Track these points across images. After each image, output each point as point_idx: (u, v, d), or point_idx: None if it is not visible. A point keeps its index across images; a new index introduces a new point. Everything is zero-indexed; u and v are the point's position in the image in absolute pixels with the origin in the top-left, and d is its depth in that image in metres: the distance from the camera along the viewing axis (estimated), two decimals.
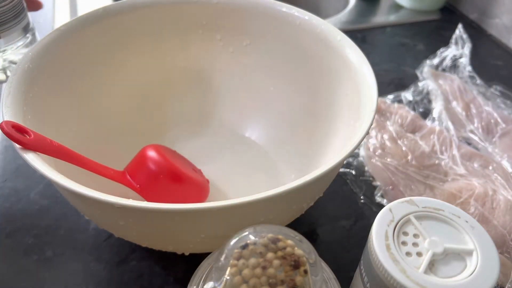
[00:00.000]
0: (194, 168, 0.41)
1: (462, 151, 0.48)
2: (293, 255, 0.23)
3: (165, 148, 0.39)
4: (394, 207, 0.27)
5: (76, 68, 0.39)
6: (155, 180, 0.35)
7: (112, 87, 0.42)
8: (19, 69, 0.33)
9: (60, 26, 0.38)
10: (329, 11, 0.80)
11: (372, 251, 0.25)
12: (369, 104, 0.33)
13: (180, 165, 0.37)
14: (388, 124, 0.51)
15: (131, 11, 0.41)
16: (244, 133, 0.48)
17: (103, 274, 0.36)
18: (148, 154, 0.36)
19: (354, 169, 0.46)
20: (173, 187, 0.36)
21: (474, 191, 0.42)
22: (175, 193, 0.37)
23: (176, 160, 0.38)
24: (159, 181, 0.35)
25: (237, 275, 0.22)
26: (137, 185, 0.35)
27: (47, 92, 0.35)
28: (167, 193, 0.36)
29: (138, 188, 0.35)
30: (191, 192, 0.38)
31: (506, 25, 0.68)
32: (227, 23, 0.44)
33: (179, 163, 0.38)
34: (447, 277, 0.24)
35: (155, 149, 0.37)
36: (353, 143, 0.29)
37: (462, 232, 0.26)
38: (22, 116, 0.31)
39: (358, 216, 0.42)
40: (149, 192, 0.35)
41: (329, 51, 0.40)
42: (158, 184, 0.35)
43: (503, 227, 0.40)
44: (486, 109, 0.53)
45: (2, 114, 0.30)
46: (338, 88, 0.39)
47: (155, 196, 0.35)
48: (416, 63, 0.62)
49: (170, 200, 0.31)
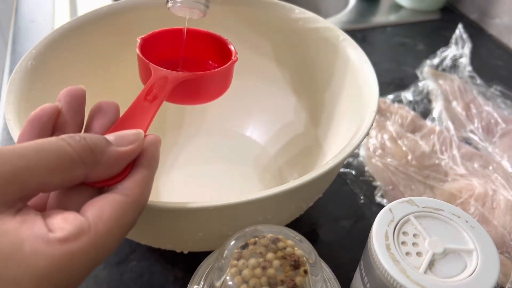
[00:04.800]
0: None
1: (462, 151, 0.48)
2: (293, 255, 0.23)
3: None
4: (394, 207, 0.27)
5: (78, 66, 0.39)
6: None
7: (113, 85, 0.42)
8: (22, 66, 0.33)
9: (64, 24, 0.38)
10: (329, 11, 0.80)
11: (372, 251, 0.25)
12: (370, 104, 0.33)
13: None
14: (388, 124, 0.50)
15: (132, 10, 0.41)
16: (245, 132, 0.48)
17: (103, 274, 0.36)
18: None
19: (354, 169, 0.46)
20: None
21: (474, 191, 0.42)
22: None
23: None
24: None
25: (237, 275, 0.22)
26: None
27: (49, 90, 0.35)
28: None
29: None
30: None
31: (506, 25, 0.68)
32: (228, 23, 0.44)
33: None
34: (447, 277, 0.24)
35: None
36: (353, 143, 0.29)
37: (462, 232, 0.26)
38: (24, 113, 0.31)
39: (358, 216, 0.42)
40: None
41: (331, 51, 0.40)
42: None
43: (503, 227, 0.40)
44: (486, 109, 0.53)
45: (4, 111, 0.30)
46: (339, 87, 0.39)
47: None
48: (416, 63, 0.62)
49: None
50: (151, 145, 0.24)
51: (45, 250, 0.18)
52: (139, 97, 0.27)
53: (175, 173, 0.44)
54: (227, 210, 0.26)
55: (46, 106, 0.23)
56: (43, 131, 0.23)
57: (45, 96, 0.34)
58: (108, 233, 0.20)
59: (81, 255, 0.19)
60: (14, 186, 0.18)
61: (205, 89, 0.32)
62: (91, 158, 0.20)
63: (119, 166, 0.22)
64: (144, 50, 0.32)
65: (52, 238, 0.18)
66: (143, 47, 0.33)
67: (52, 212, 0.20)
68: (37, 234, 0.18)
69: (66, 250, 0.18)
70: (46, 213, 0.20)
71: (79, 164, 0.20)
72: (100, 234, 0.19)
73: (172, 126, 0.47)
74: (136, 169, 0.23)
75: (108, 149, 0.21)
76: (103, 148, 0.21)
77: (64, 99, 0.24)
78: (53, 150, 0.19)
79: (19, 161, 0.18)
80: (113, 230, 0.20)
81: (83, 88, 0.25)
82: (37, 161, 0.19)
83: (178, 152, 0.46)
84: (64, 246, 0.18)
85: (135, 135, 0.23)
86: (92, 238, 0.19)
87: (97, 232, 0.19)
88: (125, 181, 0.22)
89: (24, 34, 0.64)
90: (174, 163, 0.45)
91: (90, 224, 0.19)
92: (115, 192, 0.21)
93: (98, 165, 0.21)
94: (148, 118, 0.26)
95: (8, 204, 0.18)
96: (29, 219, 0.18)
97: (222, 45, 0.35)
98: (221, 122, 0.48)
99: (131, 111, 0.26)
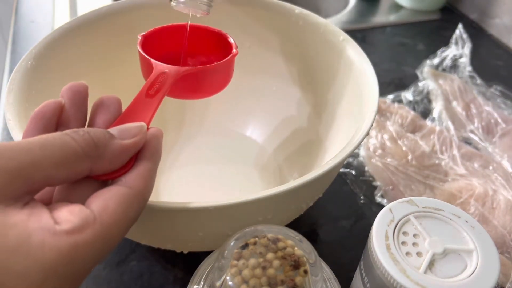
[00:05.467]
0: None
1: (462, 151, 0.48)
2: (293, 255, 0.23)
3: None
4: (394, 207, 0.27)
5: (78, 66, 0.39)
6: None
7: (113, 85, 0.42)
8: (22, 66, 0.33)
9: (64, 24, 0.38)
10: (329, 11, 0.80)
11: (372, 251, 0.25)
12: (371, 104, 0.33)
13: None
14: (388, 124, 0.50)
15: (132, 10, 0.42)
16: (245, 132, 0.48)
17: (103, 274, 0.36)
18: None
19: (354, 169, 0.46)
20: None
21: (474, 191, 0.42)
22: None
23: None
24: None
25: (237, 275, 0.22)
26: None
27: (49, 89, 0.35)
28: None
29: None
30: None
31: (506, 25, 0.68)
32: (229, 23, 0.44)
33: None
34: (447, 277, 0.24)
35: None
36: (353, 143, 0.29)
37: (462, 232, 0.26)
38: (24, 113, 0.31)
39: (358, 216, 0.42)
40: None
41: (331, 51, 0.40)
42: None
43: (503, 227, 0.40)
44: (486, 109, 0.53)
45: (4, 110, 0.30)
46: (339, 88, 0.39)
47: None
48: (416, 63, 0.62)
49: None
50: (153, 137, 0.24)
51: (52, 242, 0.18)
52: (141, 92, 0.27)
53: (175, 173, 0.44)
54: (227, 210, 0.26)
55: (50, 102, 0.23)
56: (47, 127, 0.23)
57: (45, 96, 0.34)
58: (113, 225, 0.20)
59: (87, 247, 0.19)
60: (20, 180, 0.18)
61: (206, 83, 0.32)
62: (95, 152, 0.21)
63: (123, 159, 0.22)
64: (145, 47, 0.33)
65: (59, 230, 0.18)
66: (144, 44, 0.33)
67: (58, 205, 0.20)
68: (44, 226, 0.18)
69: (72, 242, 0.18)
70: (52, 206, 0.20)
71: (84, 158, 0.20)
72: (105, 226, 0.20)
73: (173, 126, 0.47)
74: (139, 162, 0.23)
75: (111, 143, 0.22)
76: (107, 142, 0.21)
77: (67, 94, 0.24)
78: (58, 145, 0.19)
79: (25, 156, 0.18)
80: (118, 222, 0.20)
81: (85, 83, 0.25)
82: (42, 156, 0.19)
83: (179, 152, 0.46)
84: (70, 237, 0.18)
85: (138, 128, 0.23)
86: (97, 230, 0.19)
87: (102, 224, 0.19)
88: (129, 173, 0.22)
89: (24, 34, 0.64)
90: (174, 163, 0.45)
91: (95, 216, 0.19)
92: (119, 185, 0.21)
93: (102, 158, 0.21)
94: (150, 113, 0.26)
95: (15, 198, 0.18)
96: (36, 212, 0.19)
97: (222, 39, 0.35)
98: (221, 122, 0.48)
99: (133, 106, 0.26)
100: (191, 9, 0.34)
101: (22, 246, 0.17)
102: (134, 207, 0.21)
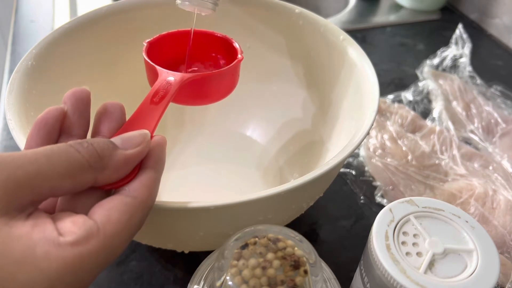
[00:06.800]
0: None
1: (462, 151, 0.48)
2: (293, 255, 0.23)
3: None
4: (394, 207, 0.27)
5: (79, 66, 0.39)
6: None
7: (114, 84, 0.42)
8: (22, 66, 0.33)
9: (64, 24, 0.38)
10: (329, 11, 0.80)
11: (372, 251, 0.25)
12: (371, 104, 0.33)
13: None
14: (388, 124, 0.50)
15: (132, 10, 0.42)
16: (246, 132, 0.48)
17: (103, 274, 0.36)
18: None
19: (354, 169, 0.46)
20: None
21: (474, 191, 0.42)
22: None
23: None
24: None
25: (237, 275, 0.22)
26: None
27: (50, 89, 0.35)
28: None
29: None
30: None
31: (506, 25, 0.68)
32: (228, 22, 0.44)
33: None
34: (447, 277, 0.24)
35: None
36: (353, 143, 0.29)
37: (462, 232, 0.26)
38: (24, 113, 0.31)
39: (358, 216, 0.42)
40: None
41: (331, 51, 0.40)
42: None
43: (503, 227, 0.40)
44: (486, 109, 0.53)
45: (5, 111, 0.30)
46: (340, 88, 0.39)
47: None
48: (416, 63, 0.62)
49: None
50: (157, 145, 0.24)
51: (57, 254, 0.18)
52: (145, 99, 0.27)
53: (176, 173, 0.44)
54: (227, 210, 0.26)
55: (52, 109, 0.23)
56: (50, 133, 0.23)
57: (45, 96, 0.34)
58: (117, 235, 0.20)
59: (91, 258, 0.19)
60: (26, 190, 0.18)
61: (211, 89, 0.32)
62: (99, 163, 0.21)
63: (127, 169, 0.22)
64: (151, 53, 0.32)
65: (63, 242, 0.18)
66: (150, 50, 0.33)
67: (62, 215, 0.20)
68: (49, 237, 0.18)
69: (77, 253, 0.18)
70: (56, 216, 0.20)
71: (88, 169, 0.20)
72: (109, 236, 0.20)
73: (173, 126, 0.47)
74: (143, 171, 0.23)
75: (115, 153, 0.22)
76: (111, 153, 0.21)
77: (70, 101, 0.24)
78: (63, 156, 0.20)
79: (31, 166, 0.18)
80: (121, 232, 0.20)
81: (87, 89, 0.25)
82: (48, 166, 0.19)
83: (179, 152, 0.46)
84: (74, 249, 0.18)
85: (142, 137, 0.23)
86: (101, 241, 0.19)
87: (106, 234, 0.20)
88: (132, 182, 0.22)
89: (24, 34, 0.64)
90: (175, 163, 0.45)
91: (99, 227, 0.20)
92: (122, 194, 0.21)
93: (106, 169, 0.21)
94: (155, 120, 0.26)
95: (20, 209, 0.19)
96: (40, 222, 0.19)
97: (227, 44, 0.35)
98: (221, 122, 0.48)
99: (138, 113, 0.26)
100: (197, 7, 0.33)
101: (27, 257, 0.18)
102: (137, 217, 0.21)
